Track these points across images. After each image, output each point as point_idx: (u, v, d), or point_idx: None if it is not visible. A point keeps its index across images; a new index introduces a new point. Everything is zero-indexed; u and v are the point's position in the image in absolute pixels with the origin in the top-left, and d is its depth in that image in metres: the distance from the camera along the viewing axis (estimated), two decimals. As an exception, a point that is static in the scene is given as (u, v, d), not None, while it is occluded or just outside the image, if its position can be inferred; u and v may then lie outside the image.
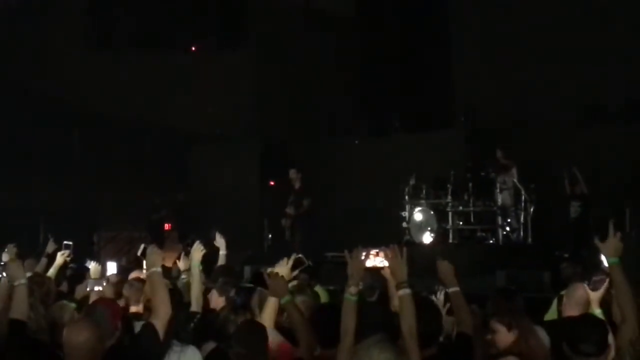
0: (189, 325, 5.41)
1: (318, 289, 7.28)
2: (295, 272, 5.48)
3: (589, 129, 15.26)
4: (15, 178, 17.68)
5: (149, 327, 5.11)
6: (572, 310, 5.85)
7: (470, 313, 5.24)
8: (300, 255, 5.52)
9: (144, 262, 7.70)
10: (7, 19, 19.64)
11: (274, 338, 4.91)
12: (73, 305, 6.58)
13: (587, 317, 5.02)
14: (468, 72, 17.64)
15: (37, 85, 19.43)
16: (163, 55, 20.16)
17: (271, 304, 5.22)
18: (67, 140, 19.00)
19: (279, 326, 5.54)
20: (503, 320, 5.22)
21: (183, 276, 6.58)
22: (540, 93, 15.92)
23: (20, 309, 5.21)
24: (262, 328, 4.71)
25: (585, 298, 5.89)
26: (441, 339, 5.14)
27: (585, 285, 5.81)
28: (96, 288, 7.61)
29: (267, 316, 5.23)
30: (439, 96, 18.29)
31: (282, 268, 5.28)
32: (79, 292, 7.70)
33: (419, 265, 6.74)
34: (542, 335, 5.23)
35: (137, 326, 5.78)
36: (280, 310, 5.42)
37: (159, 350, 5.05)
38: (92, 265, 8.51)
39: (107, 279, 7.88)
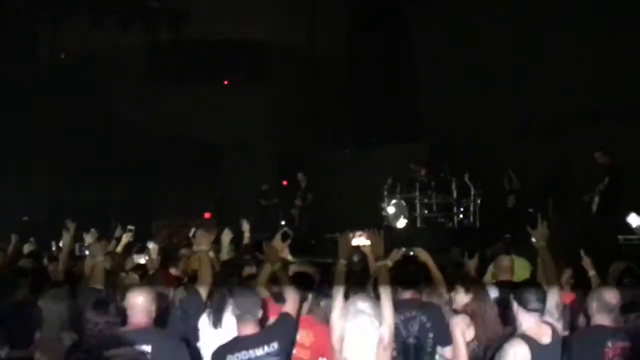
0: None
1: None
2: (287, 242, 5.34)
3: (521, 142, 15.29)
4: (95, 179, 17.63)
5: (195, 291, 5.13)
6: (503, 275, 5.82)
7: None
8: (286, 229, 5.43)
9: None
10: (88, 62, 19.68)
11: (263, 294, 4.84)
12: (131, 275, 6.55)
13: (531, 283, 5.00)
14: (433, 102, 17.79)
15: (108, 108, 19.37)
16: (203, 87, 20.09)
17: (265, 269, 5.12)
18: (132, 150, 18.95)
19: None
20: (464, 284, 5.23)
21: (210, 253, 6.55)
22: (484, 116, 15.97)
23: (98, 280, 5.24)
24: (256, 295, 4.57)
25: (509, 266, 5.84)
26: None
27: (512, 256, 5.79)
28: (141, 261, 7.51)
29: (261, 278, 5.15)
30: (411, 119, 18.48)
31: (277, 242, 5.21)
32: (127, 264, 7.67)
33: (396, 244, 6.71)
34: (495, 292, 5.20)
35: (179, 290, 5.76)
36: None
37: (202, 309, 5.05)
38: (151, 245, 8.49)
39: (149, 255, 7.78)
